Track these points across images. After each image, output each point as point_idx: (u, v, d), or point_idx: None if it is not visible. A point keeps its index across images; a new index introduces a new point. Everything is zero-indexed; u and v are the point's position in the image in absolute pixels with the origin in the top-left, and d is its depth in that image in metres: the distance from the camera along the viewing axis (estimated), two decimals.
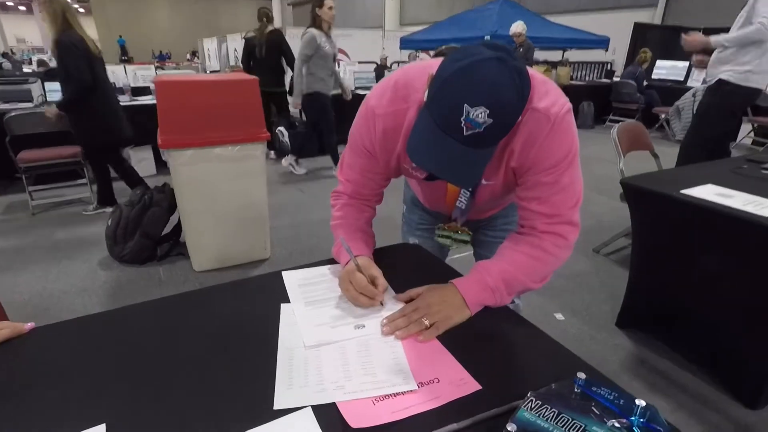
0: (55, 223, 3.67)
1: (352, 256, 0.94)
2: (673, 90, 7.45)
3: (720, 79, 3.11)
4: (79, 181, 4.18)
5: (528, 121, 0.84)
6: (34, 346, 0.80)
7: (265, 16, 5.17)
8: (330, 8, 4.23)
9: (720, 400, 1.82)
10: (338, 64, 6.42)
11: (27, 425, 0.63)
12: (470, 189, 1.05)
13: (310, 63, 4.29)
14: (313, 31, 4.24)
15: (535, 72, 0.86)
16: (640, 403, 0.61)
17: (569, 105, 0.87)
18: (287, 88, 5.59)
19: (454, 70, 0.71)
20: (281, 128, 5.57)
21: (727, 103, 3.16)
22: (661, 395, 1.85)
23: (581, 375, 0.65)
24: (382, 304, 0.91)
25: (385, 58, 9.69)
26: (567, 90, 7.85)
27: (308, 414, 0.65)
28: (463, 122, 0.71)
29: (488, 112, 0.70)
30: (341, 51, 10.39)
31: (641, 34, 9.56)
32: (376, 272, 0.95)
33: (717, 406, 1.79)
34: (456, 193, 1.10)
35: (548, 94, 0.86)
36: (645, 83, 7.98)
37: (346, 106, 4.89)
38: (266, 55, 5.20)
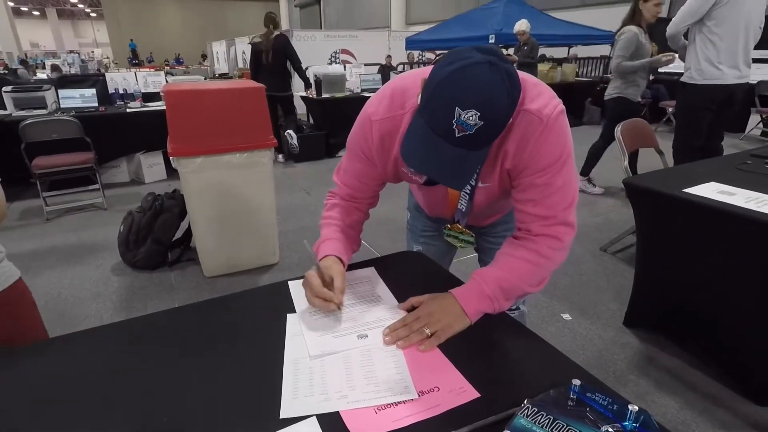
0: (69, 229, 3.74)
1: (315, 262, 0.98)
2: None
3: (682, 81, 3.30)
4: (91, 187, 4.27)
5: (521, 122, 0.87)
6: (49, 358, 0.84)
7: (271, 22, 5.22)
8: (657, 4, 3.59)
9: (729, 398, 1.82)
10: (344, 66, 6.43)
11: None
12: (468, 191, 1.07)
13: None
14: (633, 28, 3.73)
15: (526, 75, 0.89)
16: (633, 408, 0.63)
17: (562, 107, 0.89)
18: (293, 92, 5.65)
19: (446, 74, 0.74)
20: (290, 131, 5.62)
21: (691, 101, 3.29)
22: (669, 393, 1.86)
23: (576, 381, 0.68)
24: (339, 308, 0.92)
25: (389, 58, 9.71)
26: (573, 87, 7.85)
27: (313, 423, 0.67)
28: (455, 124, 0.73)
29: (479, 114, 0.72)
30: (346, 52, 10.44)
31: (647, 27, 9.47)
32: (336, 272, 0.96)
33: (726, 403, 1.80)
34: (456, 197, 1.12)
35: (540, 96, 0.87)
36: (652, 77, 7.91)
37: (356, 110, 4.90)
38: (272, 60, 5.26)
